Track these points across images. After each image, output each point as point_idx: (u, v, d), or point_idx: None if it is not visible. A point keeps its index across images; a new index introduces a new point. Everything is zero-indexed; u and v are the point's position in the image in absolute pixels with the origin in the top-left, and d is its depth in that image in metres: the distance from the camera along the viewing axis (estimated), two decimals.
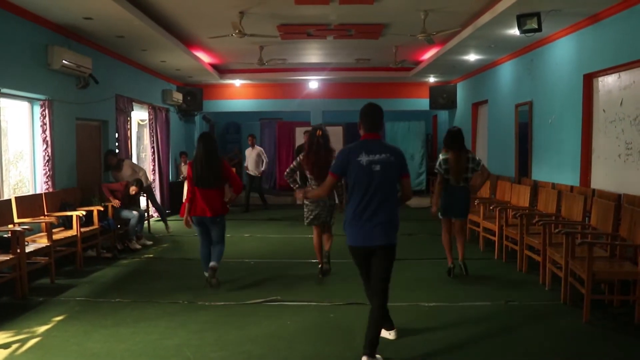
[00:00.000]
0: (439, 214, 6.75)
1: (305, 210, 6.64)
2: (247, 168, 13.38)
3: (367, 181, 4.11)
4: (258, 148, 13.39)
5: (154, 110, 11.93)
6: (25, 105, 7.54)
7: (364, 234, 4.15)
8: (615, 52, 6.94)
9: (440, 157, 6.64)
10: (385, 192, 4.13)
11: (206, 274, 6.26)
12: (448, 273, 6.59)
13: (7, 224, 6.41)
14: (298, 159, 6.52)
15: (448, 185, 6.56)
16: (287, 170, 6.51)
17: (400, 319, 5.12)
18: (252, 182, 13.39)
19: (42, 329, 4.89)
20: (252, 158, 13.27)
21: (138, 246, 8.51)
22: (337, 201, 6.60)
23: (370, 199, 4.11)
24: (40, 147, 7.49)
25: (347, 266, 7.32)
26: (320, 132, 6.57)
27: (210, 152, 6.16)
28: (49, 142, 7.48)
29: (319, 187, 4.92)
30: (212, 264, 6.17)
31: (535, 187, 8.23)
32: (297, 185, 6.44)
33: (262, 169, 13.48)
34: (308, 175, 6.46)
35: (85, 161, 8.89)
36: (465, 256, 6.70)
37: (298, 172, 6.54)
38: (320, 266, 6.69)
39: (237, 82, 15.20)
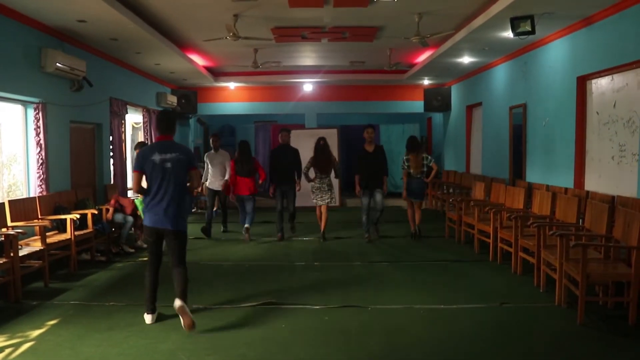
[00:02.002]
0: (406, 196, 9.34)
1: (312, 195, 9.45)
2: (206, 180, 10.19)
3: (161, 176, 4.96)
4: (224, 152, 10.13)
5: (148, 113, 11.91)
6: (18, 108, 7.51)
7: (156, 218, 5.04)
8: (608, 55, 6.97)
9: (404, 157, 9.27)
10: (176, 184, 5.00)
11: (243, 232, 9.37)
12: (411, 237, 9.41)
13: (0, 228, 6.39)
14: (310, 160, 9.44)
15: (410, 177, 9.20)
16: (304, 167, 9.45)
17: (394, 322, 5.13)
18: (215, 198, 10.30)
19: (36, 332, 4.86)
20: (216, 165, 9.93)
21: (131, 250, 8.44)
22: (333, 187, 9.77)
23: (165, 191, 4.97)
24: (34, 150, 7.46)
25: (341, 270, 7.34)
26: (323, 142, 9.46)
27: (246, 153, 9.56)
28: (43, 145, 7.45)
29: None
30: (246, 226, 9.39)
31: (530, 189, 8.25)
32: (310, 179, 9.46)
33: (225, 179, 9.77)
34: (314, 170, 9.41)
35: (79, 164, 8.86)
36: (420, 227, 9.41)
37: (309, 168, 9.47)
38: (322, 232, 9.48)
39: (232, 85, 15.20)
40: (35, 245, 6.57)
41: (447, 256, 7.94)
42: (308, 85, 15.41)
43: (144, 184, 5.07)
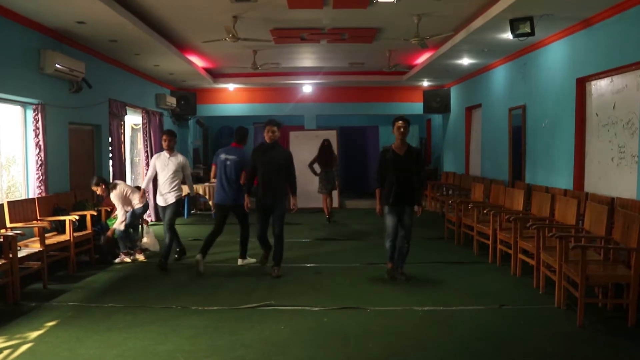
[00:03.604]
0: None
1: (319, 186, 11.47)
2: (146, 192, 8.21)
3: (223, 168, 7.32)
4: (180, 156, 7.80)
5: (147, 114, 11.90)
6: (17, 109, 7.50)
7: (221, 197, 7.37)
8: (607, 56, 6.97)
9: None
10: (235, 175, 7.31)
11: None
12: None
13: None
14: (315, 157, 10.83)
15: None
16: (309, 163, 10.79)
17: (393, 324, 5.12)
18: (162, 215, 7.76)
19: (34, 334, 4.85)
20: (167, 173, 7.57)
21: (142, 257, 8.10)
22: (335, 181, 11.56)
23: (228, 178, 7.31)
24: (33, 152, 7.45)
25: (339, 271, 7.33)
26: (327, 143, 11.51)
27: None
28: (42, 147, 7.44)
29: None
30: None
31: (529, 191, 8.25)
32: (316, 173, 11.30)
33: (187, 192, 8.83)
34: (318, 165, 10.79)
35: (78, 166, 8.85)
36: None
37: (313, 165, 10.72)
38: (327, 217, 11.59)
39: (231, 86, 15.21)
40: (34, 246, 6.56)
41: (446, 258, 7.94)
42: (307, 87, 15.41)
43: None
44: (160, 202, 7.63)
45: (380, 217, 6.80)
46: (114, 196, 7.80)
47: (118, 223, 7.86)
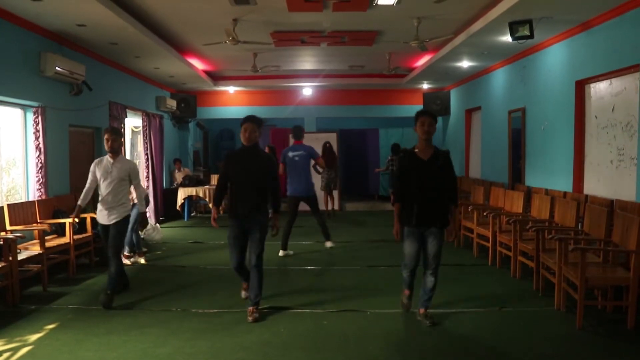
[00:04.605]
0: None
1: (322, 184, 12.43)
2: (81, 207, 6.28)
3: (293, 165, 8.33)
4: (128, 160, 6.37)
5: (147, 117, 11.92)
6: (18, 112, 7.51)
7: (296, 189, 8.40)
8: (606, 59, 6.98)
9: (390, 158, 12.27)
10: (304, 169, 8.38)
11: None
12: None
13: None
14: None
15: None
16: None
17: (393, 326, 5.13)
18: (104, 236, 6.12)
19: (34, 337, 4.86)
20: (109, 182, 5.97)
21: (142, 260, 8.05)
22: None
23: (299, 173, 8.36)
24: (33, 154, 7.46)
25: (339, 274, 7.33)
26: (329, 145, 12.71)
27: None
28: (42, 149, 7.45)
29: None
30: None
31: (529, 193, 8.26)
32: (319, 172, 11.14)
33: (140, 206, 6.53)
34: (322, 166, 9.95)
35: (78, 168, 8.84)
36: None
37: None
38: (327, 214, 12.01)
39: (231, 89, 15.22)
40: (34, 249, 6.57)
41: (446, 260, 7.89)
42: (307, 90, 15.42)
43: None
44: (102, 219, 5.99)
45: (398, 242, 5.34)
46: None
47: None
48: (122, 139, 6.32)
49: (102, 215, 6.01)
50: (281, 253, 8.30)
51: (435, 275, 5.18)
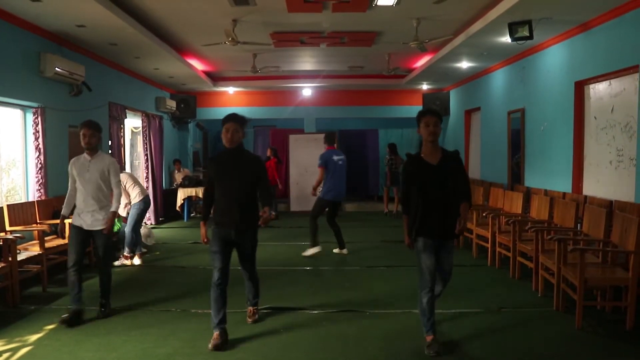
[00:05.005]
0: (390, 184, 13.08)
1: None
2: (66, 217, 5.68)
3: (338, 169, 8.34)
4: (106, 157, 5.58)
5: (147, 117, 11.93)
6: (17, 112, 7.52)
7: (337, 194, 8.40)
8: (605, 60, 6.99)
9: (388, 157, 13.29)
10: (344, 174, 8.52)
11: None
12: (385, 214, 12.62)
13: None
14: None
15: (392, 172, 12.80)
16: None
17: (392, 326, 5.13)
18: (82, 250, 5.47)
19: (34, 337, 4.86)
20: (86, 183, 5.40)
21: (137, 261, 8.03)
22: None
23: (341, 178, 8.43)
24: (32, 155, 7.46)
25: (339, 274, 7.34)
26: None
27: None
28: (42, 150, 7.46)
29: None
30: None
31: (528, 194, 8.26)
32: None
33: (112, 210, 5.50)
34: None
35: None
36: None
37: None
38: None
39: (231, 90, 15.23)
40: (34, 249, 6.57)
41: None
42: (307, 90, 15.43)
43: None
44: (80, 222, 5.39)
45: (410, 249, 4.76)
46: None
47: (124, 212, 7.98)
48: (101, 134, 5.50)
49: (82, 219, 5.37)
50: (315, 249, 8.32)
51: (445, 286, 4.84)
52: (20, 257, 6.11)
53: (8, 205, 6.78)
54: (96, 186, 5.41)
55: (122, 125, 10.49)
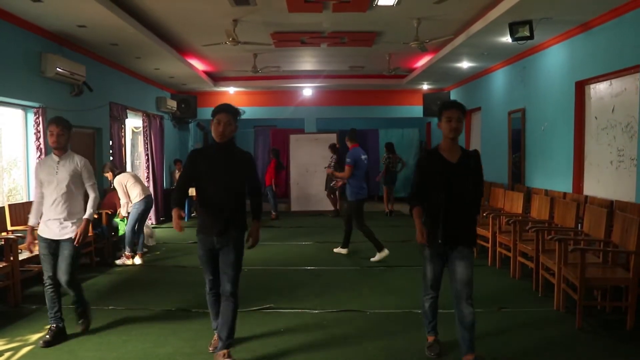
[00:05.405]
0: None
1: (327, 183, 12.92)
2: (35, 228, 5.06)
3: (362, 166, 8.17)
4: (77, 157, 4.93)
5: (148, 117, 11.93)
6: (19, 112, 7.53)
7: (364, 192, 8.18)
8: (606, 60, 6.99)
9: (386, 156, 13.44)
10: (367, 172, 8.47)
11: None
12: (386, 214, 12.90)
13: (0, 232, 6.38)
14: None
15: (389, 170, 13.31)
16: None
17: (393, 326, 5.13)
18: (50, 262, 4.86)
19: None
20: (54, 186, 4.76)
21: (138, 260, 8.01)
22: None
23: (364, 174, 8.25)
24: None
25: (339, 274, 7.34)
26: (338, 146, 12.77)
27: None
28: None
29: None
30: None
31: (529, 194, 8.26)
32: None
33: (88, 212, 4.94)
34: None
35: None
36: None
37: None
38: (333, 210, 13.24)
39: (231, 90, 15.23)
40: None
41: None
42: (307, 90, 15.44)
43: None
44: (47, 232, 4.75)
45: (421, 246, 4.27)
46: (115, 183, 8.02)
47: (123, 211, 8.04)
48: (71, 133, 4.86)
49: (49, 229, 4.74)
50: (378, 256, 7.97)
51: (472, 304, 4.02)
52: (21, 257, 6.11)
53: (9, 205, 6.79)
54: (66, 190, 4.74)
55: (123, 125, 10.50)
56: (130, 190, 7.89)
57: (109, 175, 8.25)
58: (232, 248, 4.20)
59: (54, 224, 4.74)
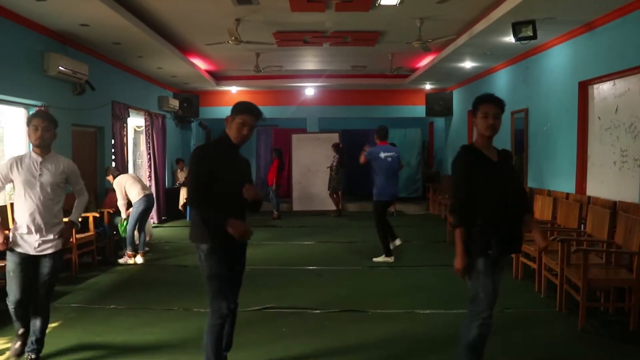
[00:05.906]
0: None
1: (330, 184, 12.99)
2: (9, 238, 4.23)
3: (386, 166, 7.87)
4: (62, 158, 4.48)
5: (150, 116, 11.94)
6: (21, 111, 7.52)
7: (391, 193, 8.02)
8: (609, 60, 6.97)
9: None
10: (395, 172, 8.06)
11: None
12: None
13: (4, 230, 6.35)
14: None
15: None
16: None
17: (394, 326, 5.12)
18: (25, 277, 4.13)
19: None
20: (37, 191, 4.13)
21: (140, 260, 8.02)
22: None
23: (391, 175, 7.93)
24: None
25: (341, 274, 7.33)
26: (342, 146, 13.09)
27: None
28: None
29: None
30: None
31: (531, 194, 8.24)
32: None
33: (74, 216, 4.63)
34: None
35: (81, 167, 8.74)
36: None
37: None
38: (337, 210, 13.28)
39: (234, 89, 15.22)
40: None
41: (447, 261, 7.86)
42: (310, 90, 15.42)
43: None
44: (24, 245, 4.09)
45: (461, 279, 3.86)
46: (114, 185, 8.07)
47: (123, 214, 8.07)
48: (56, 130, 4.25)
49: (26, 243, 4.07)
50: (382, 259, 7.93)
51: (491, 315, 3.78)
52: None
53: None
54: (51, 196, 4.15)
55: (125, 124, 10.50)
56: (129, 190, 7.89)
57: (110, 178, 8.30)
58: (244, 258, 3.95)
59: (33, 238, 4.06)
